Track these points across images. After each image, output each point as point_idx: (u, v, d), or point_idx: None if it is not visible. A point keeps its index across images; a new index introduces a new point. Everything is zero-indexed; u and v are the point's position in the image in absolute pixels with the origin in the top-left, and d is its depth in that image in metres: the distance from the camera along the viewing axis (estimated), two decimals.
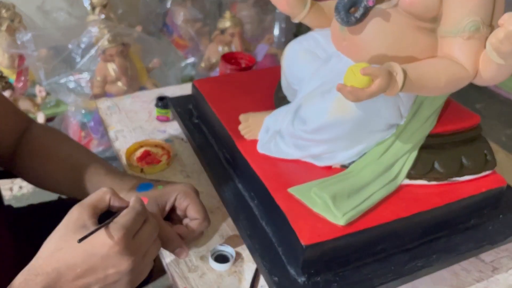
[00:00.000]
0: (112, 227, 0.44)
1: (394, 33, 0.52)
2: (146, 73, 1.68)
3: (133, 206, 0.47)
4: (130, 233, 0.45)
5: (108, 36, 1.51)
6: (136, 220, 0.46)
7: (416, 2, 0.50)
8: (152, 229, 0.48)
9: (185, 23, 1.89)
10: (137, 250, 0.45)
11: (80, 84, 1.54)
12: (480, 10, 0.48)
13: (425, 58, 0.52)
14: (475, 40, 0.50)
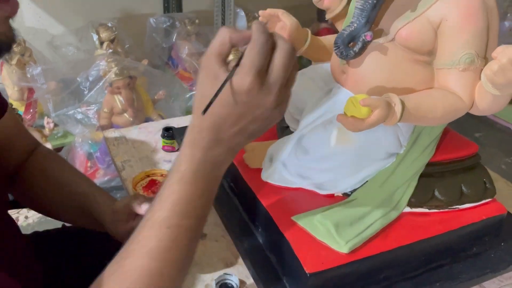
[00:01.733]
0: (241, 72, 0.40)
1: (392, 66, 0.54)
2: (151, 105, 1.71)
3: (254, 39, 0.41)
4: (261, 70, 0.41)
5: (115, 70, 1.55)
6: (262, 53, 0.40)
7: (412, 37, 0.52)
8: (284, 54, 0.41)
9: (190, 56, 1.94)
10: (276, 82, 0.41)
11: (88, 116, 1.57)
12: (474, 43, 0.51)
13: (422, 89, 0.54)
14: (471, 72, 0.52)
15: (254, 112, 0.43)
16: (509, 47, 0.47)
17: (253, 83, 0.40)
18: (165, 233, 0.44)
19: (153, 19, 1.91)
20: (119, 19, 1.97)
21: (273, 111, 0.43)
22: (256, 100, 0.42)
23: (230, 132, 0.44)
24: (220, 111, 0.43)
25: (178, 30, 1.95)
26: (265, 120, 0.44)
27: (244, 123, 0.43)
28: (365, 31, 0.52)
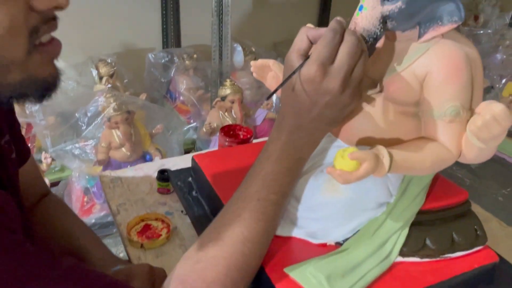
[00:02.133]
0: (307, 63, 0.48)
1: (380, 117, 0.55)
2: (149, 139, 1.72)
3: (324, 36, 0.48)
4: (325, 61, 0.47)
5: (114, 105, 1.57)
6: (327, 46, 0.48)
7: (398, 91, 0.54)
8: (348, 44, 0.48)
9: (188, 90, 1.96)
10: (340, 70, 0.48)
11: (85, 151, 1.58)
12: (459, 95, 0.52)
13: (410, 140, 0.55)
14: (457, 123, 0.53)
15: (323, 99, 0.49)
16: (492, 103, 0.48)
17: (317, 72, 0.47)
18: (255, 205, 0.51)
19: (152, 55, 1.95)
20: (118, 54, 2.01)
21: (341, 96, 0.49)
22: (322, 87, 0.48)
23: (308, 118, 0.50)
24: (295, 99, 0.50)
25: (176, 65, 1.98)
26: (336, 105, 0.50)
27: (318, 109, 0.50)
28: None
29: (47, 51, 0.43)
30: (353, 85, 0.49)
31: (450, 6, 0.50)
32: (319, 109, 0.50)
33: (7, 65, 0.39)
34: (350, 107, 0.52)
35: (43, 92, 0.43)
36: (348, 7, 2.21)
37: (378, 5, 0.51)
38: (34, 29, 0.40)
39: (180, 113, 2.05)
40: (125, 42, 2.08)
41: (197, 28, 2.17)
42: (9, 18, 0.38)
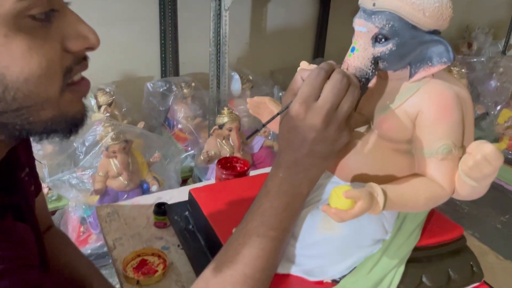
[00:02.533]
0: (293, 101, 0.50)
1: (374, 155, 0.56)
2: (147, 167, 1.72)
3: (309, 74, 0.50)
4: (308, 99, 0.49)
5: (112, 134, 1.58)
6: (311, 84, 0.49)
7: (391, 129, 0.55)
8: (332, 82, 0.49)
9: (185, 118, 1.98)
10: (323, 106, 0.49)
11: (82, 180, 1.58)
12: (450, 134, 0.53)
13: (404, 176, 0.56)
14: (449, 161, 0.54)
15: (310, 134, 0.50)
16: (483, 143, 0.49)
17: (299, 108, 0.49)
18: (255, 241, 0.52)
19: (151, 84, 1.97)
20: (117, 83, 2.04)
21: (325, 132, 0.50)
22: (306, 123, 0.50)
23: (302, 153, 0.51)
24: (288, 135, 0.52)
25: (174, 93, 2.00)
26: (324, 141, 0.50)
27: (308, 145, 0.51)
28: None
29: (78, 90, 0.44)
30: (338, 120, 0.50)
31: (439, 48, 0.52)
32: (309, 145, 0.51)
33: (42, 103, 0.41)
34: (339, 142, 0.52)
35: (72, 128, 0.45)
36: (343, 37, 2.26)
37: (370, 47, 0.53)
38: (68, 69, 0.42)
39: (178, 140, 2.06)
40: (124, 71, 2.10)
41: (195, 57, 2.20)
42: (46, 59, 0.39)
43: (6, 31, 0.37)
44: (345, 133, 0.51)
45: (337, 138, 0.51)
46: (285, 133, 0.53)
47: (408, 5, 0.50)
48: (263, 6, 2.38)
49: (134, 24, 2.05)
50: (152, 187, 1.68)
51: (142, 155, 1.72)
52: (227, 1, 1.75)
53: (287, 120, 0.52)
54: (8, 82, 0.38)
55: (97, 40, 0.44)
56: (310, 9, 2.52)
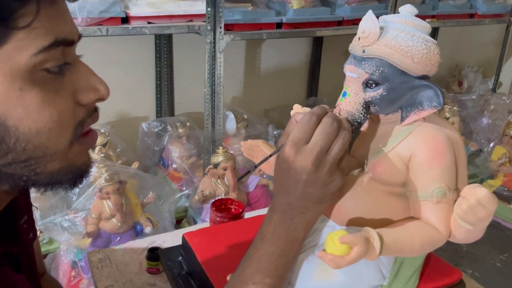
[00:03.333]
0: (284, 145, 0.50)
1: (369, 198, 0.56)
2: (140, 208, 1.70)
3: (301, 118, 0.51)
4: (298, 141, 0.49)
5: (105, 175, 1.57)
6: (302, 128, 0.50)
7: (385, 172, 0.55)
8: (323, 125, 0.50)
9: (180, 158, 1.98)
10: (313, 149, 0.49)
11: (75, 223, 1.56)
12: (444, 177, 0.53)
13: (400, 220, 0.56)
14: (444, 204, 0.53)
15: (301, 177, 0.50)
16: (476, 187, 0.49)
17: (289, 151, 0.50)
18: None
19: (146, 124, 1.98)
20: (112, 123, 2.04)
21: (316, 175, 0.50)
22: (296, 166, 0.49)
23: (295, 196, 0.51)
24: (281, 178, 0.52)
25: (169, 133, 2.01)
26: (316, 184, 0.50)
27: (301, 187, 0.50)
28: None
29: (86, 142, 0.44)
30: (329, 163, 0.50)
31: (429, 92, 0.53)
32: (302, 188, 0.50)
33: (51, 155, 0.40)
34: (332, 185, 0.52)
35: (77, 179, 0.44)
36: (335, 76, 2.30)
37: (361, 92, 0.54)
38: (80, 122, 0.42)
39: (172, 180, 2.05)
40: (119, 112, 2.11)
41: (190, 97, 2.22)
42: (58, 112, 0.40)
43: (21, 85, 0.37)
44: (337, 176, 0.51)
45: (329, 181, 0.51)
46: (278, 176, 0.53)
47: (397, 52, 0.51)
48: (257, 47, 2.43)
49: (131, 65, 2.08)
50: (146, 229, 1.65)
51: (136, 196, 1.70)
52: (222, 44, 1.78)
53: (279, 163, 0.52)
54: (20, 133, 0.38)
55: (107, 92, 0.44)
56: (303, 49, 2.57)
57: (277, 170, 0.53)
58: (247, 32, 1.85)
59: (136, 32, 1.65)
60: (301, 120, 0.51)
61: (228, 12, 1.80)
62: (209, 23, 1.74)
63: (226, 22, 1.76)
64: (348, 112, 0.54)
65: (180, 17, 1.77)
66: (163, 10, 1.74)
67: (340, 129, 0.50)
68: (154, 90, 2.19)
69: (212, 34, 1.76)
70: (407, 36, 0.52)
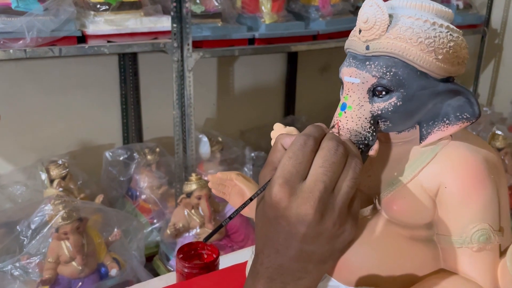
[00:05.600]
0: (270, 183, 0.36)
1: (383, 247, 0.41)
2: (105, 248, 1.52)
3: (292, 143, 0.36)
4: (292, 178, 0.35)
5: (62, 213, 1.39)
6: (296, 158, 0.35)
7: (404, 210, 0.40)
8: (325, 154, 0.35)
9: (150, 188, 1.82)
10: (313, 189, 0.34)
11: (27, 270, 1.36)
12: (486, 214, 0.39)
13: (427, 275, 0.41)
14: (488, 251, 0.39)
15: (298, 230, 0.35)
16: None
17: (279, 193, 0.35)
18: None
19: (109, 152, 1.81)
20: (74, 153, 1.88)
21: (321, 225, 0.35)
22: (291, 214, 0.35)
23: (288, 256, 0.36)
24: (265, 231, 0.37)
25: (137, 161, 1.85)
26: (320, 238, 0.36)
27: (297, 244, 0.36)
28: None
29: None
30: (337, 208, 0.36)
31: (459, 100, 0.39)
32: (298, 244, 0.36)
33: None
34: (342, 239, 0.37)
35: None
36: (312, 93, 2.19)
37: (366, 102, 0.40)
38: None
39: (142, 212, 1.88)
40: (81, 141, 1.95)
41: (159, 120, 2.09)
42: None
43: None
44: (348, 226, 0.36)
45: (338, 233, 0.36)
46: (263, 227, 0.37)
47: (414, 46, 0.37)
48: (229, 65, 2.32)
49: (92, 88, 1.93)
50: (111, 271, 1.47)
51: (100, 234, 1.52)
52: (190, 62, 1.66)
53: (264, 209, 0.37)
54: None
55: None
56: (277, 66, 2.47)
57: (261, 218, 0.37)
58: (218, 49, 1.75)
59: (94, 52, 1.51)
60: (292, 145, 0.36)
61: (196, 28, 1.70)
62: (176, 40, 1.62)
63: (194, 39, 1.66)
64: (351, 131, 0.39)
65: (143, 34, 1.65)
66: (124, 27, 1.61)
67: (347, 156, 0.36)
68: (120, 114, 2.05)
69: (179, 52, 1.65)
70: (426, 24, 0.38)
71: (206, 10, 1.77)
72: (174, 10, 1.56)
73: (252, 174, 1.95)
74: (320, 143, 0.36)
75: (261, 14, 1.87)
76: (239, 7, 1.87)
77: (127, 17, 1.65)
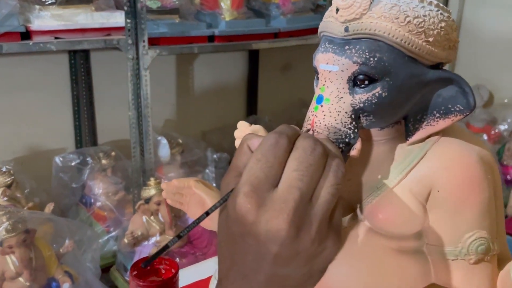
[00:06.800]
0: (234, 192, 0.29)
1: (367, 261, 0.36)
2: (55, 261, 1.41)
3: (260, 144, 0.30)
4: (261, 185, 0.28)
5: (6, 225, 1.27)
6: (266, 162, 0.28)
7: (390, 218, 0.35)
8: (299, 155, 0.28)
9: (105, 194, 1.72)
10: (287, 198, 0.28)
11: None
12: (484, 220, 0.34)
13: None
14: (486, 263, 0.34)
15: (269, 248, 0.29)
16: None
17: (245, 204, 0.28)
18: None
19: (60, 158, 1.69)
20: (20, 160, 1.75)
21: (296, 243, 0.28)
22: (260, 230, 0.28)
23: (259, 281, 0.30)
24: (229, 249, 0.31)
25: (90, 166, 1.74)
26: (295, 258, 0.29)
27: (268, 266, 0.29)
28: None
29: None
30: (317, 220, 0.29)
31: (451, 89, 0.34)
32: (269, 267, 0.29)
33: None
34: (323, 258, 0.30)
35: None
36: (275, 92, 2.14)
37: (347, 94, 0.34)
38: None
39: (98, 220, 1.77)
40: (29, 146, 1.82)
41: (115, 122, 1.98)
42: None
43: None
44: (329, 242, 0.30)
45: (317, 251, 0.29)
46: (226, 246, 0.31)
47: (402, 26, 0.32)
48: (189, 63, 2.24)
49: (41, 89, 1.80)
50: (63, 286, 1.37)
51: (50, 246, 1.41)
52: (147, 59, 1.58)
53: (228, 224, 0.30)
54: None
55: None
56: (238, 65, 2.42)
57: (224, 235, 0.31)
58: (176, 46, 1.67)
59: (40, 49, 1.40)
60: (261, 146, 0.29)
61: (152, 24, 1.62)
62: (130, 37, 1.54)
63: (150, 36, 1.58)
64: (329, 128, 0.33)
65: (95, 30, 1.55)
66: (73, 23, 1.51)
67: (327, 157, 0.29)
68: (71, 117, 1.93)
69: (134, 49, 1.57)
70: (414, 1, 0.32)
71: (163, 5, 1.68)
72: (127, 4, 1.47)
73: (214, 177, 1.88)
74: (294, 143, 0.30)
75: (221, 11, 1.81)
76: (198, 3, 1.80)
77: (76, 12, 1.54)
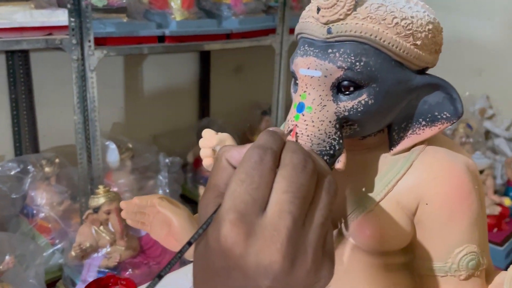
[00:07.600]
0: (216, 217, 0.25)
1: (352, 278, 0.33)
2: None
3: (243, 159, 0.25)
4: (248, 209, 0.24)
5: None
6: (253, 182, 0.24)
7: (374, 235, 0.32)
8: (290, 174, 0.25)
9: (49, 204, 1.60)
10: (278, 225, 0.24)
11: None
12: (473, 233, 0.32)
13: None
14: (476, 278, 0.33)
15: (259, 284, 0.25)
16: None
17: (231, 233, 0.24)
18: None
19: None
20: None
21: (291, 276, 0.25)
22: (248, 263, 0.24)
23: None
24: (208, 285, 0.26)
25: (32, 175, 1.62)
26: None
27: None
28: None
29: None
30: (311, 248, 0.25)
31: (438, 96, 0.32)
32: None
33: None
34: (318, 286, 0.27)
35: None
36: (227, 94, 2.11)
37: (330, 101, 0.31)
38: None
39: (41, 233, 1.66)
40: None
41: (58, 127, 1.87)
42: None
43: None
44: (325, 271, 0.26)
45: (312, 283, 0.26)
46: (206, 281, 0.26)
47: (389, 28, 0.29)
48: (138, 65, 2.15)
49: None
50: None
51: None
52: (93, 60, 1.49)
53: (208, 256, 0.26)
54: None
55: None
56: (189, 66, 2.36)
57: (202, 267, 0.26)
58: (124, 46, 1.59)
59: None
60: (244, 163, 0.25)
61: (99, 23, 1.53)
62: (75, 36, 1.44)
63: (96, 36, 1.49)
64: (312, 139, 0.30)
65: (35, 29, 1.45)
66: (11, 21, 1.40)
67: (317, 174, 0.26)
68: (10, 122, 1.79)
69: (79, 50, 1.48)
70: (401, 1, 0.30)
71: (109, 4, 1.60)
72: (71, 2, 1.38)
73: (167, 182, 1.82)
74: (280, 157, 0.26)
75: (171, 10, 1.75)
76: (146, 2, 1.73)
77: (14, 10, 1.44)
